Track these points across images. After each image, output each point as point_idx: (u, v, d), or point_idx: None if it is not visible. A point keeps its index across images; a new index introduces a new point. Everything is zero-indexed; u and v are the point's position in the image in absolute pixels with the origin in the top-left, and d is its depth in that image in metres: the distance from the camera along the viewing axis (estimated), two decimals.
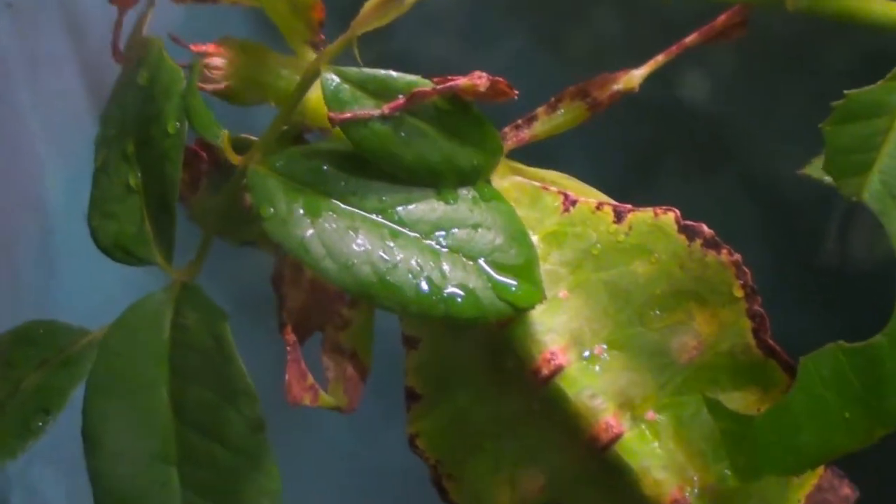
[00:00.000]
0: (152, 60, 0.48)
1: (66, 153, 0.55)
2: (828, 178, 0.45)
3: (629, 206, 0.47)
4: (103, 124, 0.49)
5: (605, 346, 0.47)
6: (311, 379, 0.46)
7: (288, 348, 0.47)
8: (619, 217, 0.47)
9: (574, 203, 0.48)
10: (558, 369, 0.46)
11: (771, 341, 0.46)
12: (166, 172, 0.46)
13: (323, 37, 0.47)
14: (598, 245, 0.47)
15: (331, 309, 0.51)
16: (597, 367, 0.47)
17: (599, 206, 0.47)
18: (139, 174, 0.47)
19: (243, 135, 0.49)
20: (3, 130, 0.52)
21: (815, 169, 0.46)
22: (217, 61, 0.48)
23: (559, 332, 0.47)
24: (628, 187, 0.48)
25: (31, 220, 0.54)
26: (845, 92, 0.44)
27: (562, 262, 0.47)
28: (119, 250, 0.47)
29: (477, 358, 0.48)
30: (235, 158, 0.46)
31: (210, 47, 0.48)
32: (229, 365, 0.45)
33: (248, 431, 0.45)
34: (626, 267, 0.47)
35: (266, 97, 0.49)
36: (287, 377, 0.46)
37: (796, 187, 0.51)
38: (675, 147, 0.57)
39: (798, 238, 0.56)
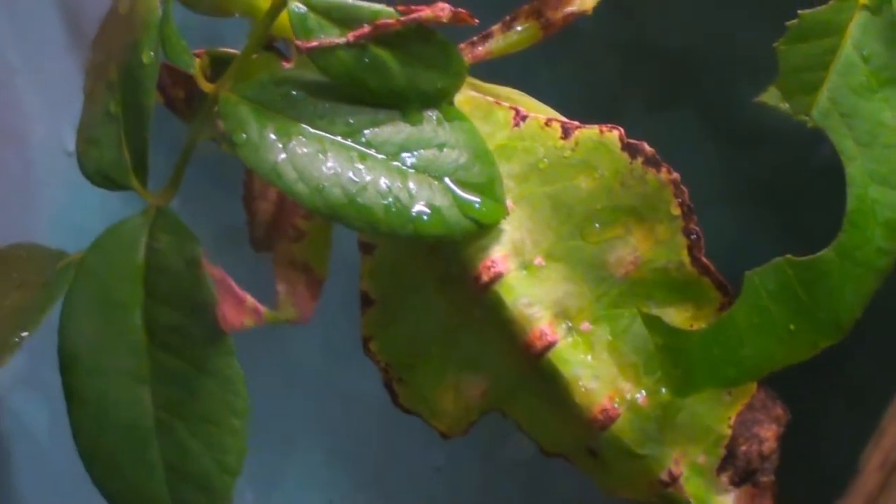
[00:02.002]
0: None
1: (44, 85, 0.56)
2: (784, 106, 0.47)
3: (576, 123, 0.49)
4: (92, 51, 0.51)
5: (544, 257, 0.49)
6: (249, 300, 0.48)
7: (216, 279, 0.48)
8: (566, 133, 0.49)
9: (524, 118, 0.50)
10: (497, 276, 0.49)
11: (705, 260, 0.49)
12: (141, 100, 0.47)
13: None
14: (545, 160, 0.49)
15: (296, 215, 0.53)
16: (535, 277, 0.49)
17: (548, 123, 0.50)
18: (119, 101, 0.48)
19: (218, 49, 0.51)
20: None
21: (772, 96, 0.48)
22: None
23: (501, 241, 0.49)
24: (588, 118, 0.50)
25: (10, 153, 0.56)
26: (798, 12, 0.46)
27: (509, 175, 0.49)
28: (100, 176, 0.49)
29: (426, 264, 0.51)
30: (207, 87, 0.48)
31: None
32: (199, 288, 0.47)
33: (218, 353, 0.47)
34: (569, 182, 0.49)
35: (231, 9, 0.50)
36: (219, 306, 0.47)
37: (754, 117, 0.53)
38: (636, 81, 0.59)
39: (749, 165, 0.58)
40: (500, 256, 0.49)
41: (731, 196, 0.58)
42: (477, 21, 0.47)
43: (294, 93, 0.47)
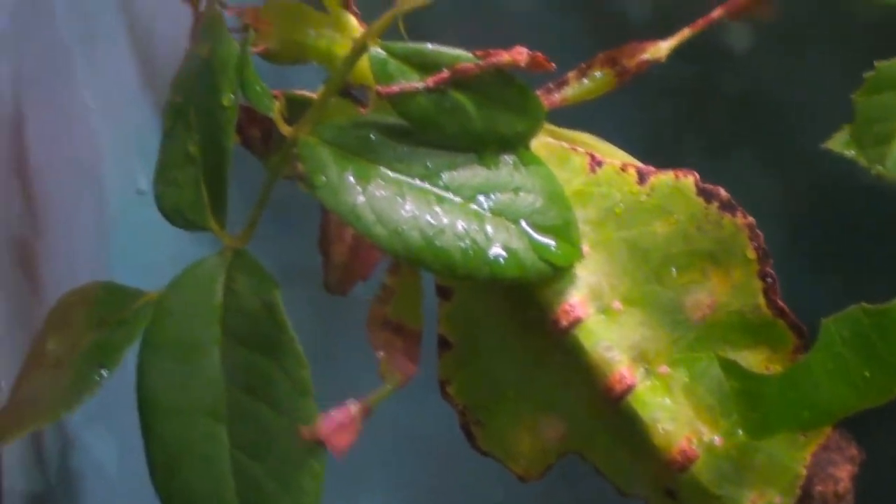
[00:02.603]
0: (213, 34, 0.50)
1: (118, 124, 0.57)
2: (849, 153, 0.48)
3: (652, 168, 0.50)
4: (173, 91, 0.52)
5: (622, 302, 0.50)
6: (351, 409, 0.49)
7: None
8: (642, 178, 0.50)
9: (600, 164, 0.50)
10: (576, 321, 0.49)
11: (780, 302, 0.49)
12: (221, 142, 0.49)
13: None
14: (621, 205, 0.50)
15: (371, 260, 0.55)
16: (613, 321, 0.50)
17: (624, 168, 0.50)
18: (198, 142, 0.50)
19: (294, 91, 0.52)
20: (61, 106, 0.54)
21: (837, 143, 0.49)
22: (262, 26, 0.51)
23: (579, 285, 0.50)
24: (652, 161, 0.51)
25: (85, 191, 0.57)
26: (875, 63, 0.47)
27: (586, 220, 0.50)
28: (178, 216, 0.50)
29: (503, 308, 0.51)
30: (287, 129, 0.48)
31: (255, 13, 0.51)
32: (280, 331, 0.48)
33: (296, 394, 0.48)
34: (646, 227, 0.50)
35: (308, 57, 0.52)
36: (329, 437, 0.47)
37: (817, 162, 0.54)
38: (699, 122, 0.60)
39: (815, 209, 0.59)
40: (579, 301, 0.49)
41: (796, 240, 0.58)
42: (554, 66, 0.47)
43: (373, 136, 0.48)
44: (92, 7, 0.56)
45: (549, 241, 0.48)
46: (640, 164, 0.51)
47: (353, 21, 0.51)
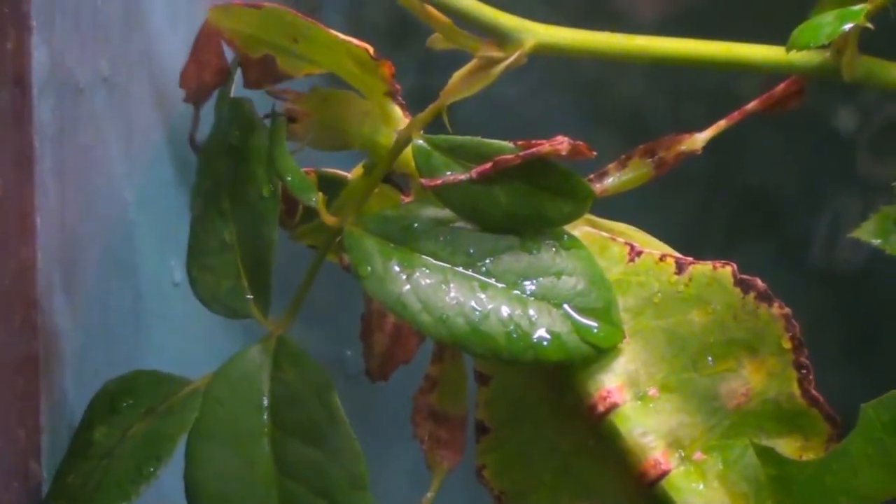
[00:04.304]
0: (243, 122, 0.53)
1: (154, 218, 0.60)
2: (876, 241, 0.51)
3: (690, 259, 0.52)
4: (199, 175, 0.54)
5: (658, 389, 0.52)
6: None
7: None
8: (680, 269, 0.52)
9: (639, 254, 0.52)
10: (613, 407, 0.51)
11: (815, 392, 0.51)
12: (263, 232, 0.51)
13: (398, 86, 0.52)
14: (659, 294, 0.52)
15: (412, 344, 0.57)
16: (650, 408, 0.51)
17: (662, 258, 0.52)
18: (234, 230, 0.52)
19: (327, 170, 0.55)
20: (99, 198, 0.56)
21: (865, 232, 0.50)
22: (304, 114, 0.53)
23: (616, 372, 0.51)
24: (681, 248, 0.53)
25: (122, 285, 0.59)
26: None
27: (624, 309, 0.52)
28: (217, 303, 0.52)
29: (541, 393, 0.53)
30: (330, 220, 0.51)
31: (297, 99, 0.53)
32: (333, 422, 0.50)
33: (353, 489, 0.50)
34: (683, 316, 0.52)
35: (349, 145, 0.54)
36: None
37: (844, 251, 0.56)
38: (722, 210, 0.62)
39: (842, 298, 0.60)
40: (616, 387, 0.51)
41: (828, 329, 0.60)
42: (595, 154, 0.50)
43: (416, 225, 0.50)
44: (129, 101, 0.58)
45: (592, 323, 0.50)
46: (677, 255, 0.53)
47: (397, 111, 0.53)
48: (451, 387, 0.54)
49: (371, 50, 0.51)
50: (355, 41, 0.51)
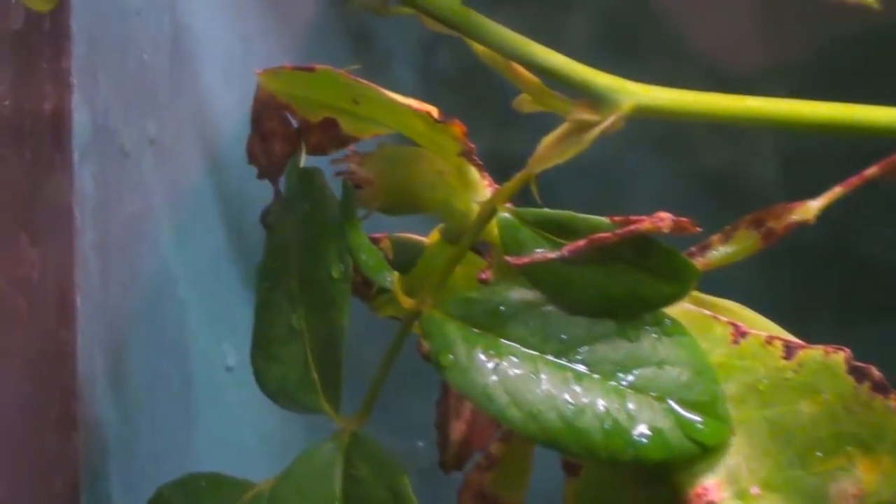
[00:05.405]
0: (313, 194, 0.50)
1: (205, 295, 0.57)
2: None
3: (800, 343, 0.48)
4: (267, 255, 0.51)
5: (761, 487, 0.48)
6: None
7: None
8: (788, 353, 0.48)
9: (744, 335, 0.49)
10: None
11: None
12: (333, 318, 0.48)
13: (472, 145, 0.49)
14: (765, 381, 0.48)
15: (489, 432, 0.53)
16: None
17: (769, 341, 0.48)
18: (303, 315, 0.49)
19: (400, 234, 0.52)
20: (145, 274, 0.54)
21: None
22: (367, 181, 0.49)
23: (715, 467, 0.48)
24: (789, 327, 0.50)
25: (172, 367, 0.56)
26: None
27: (726, 397, 0.48)
28: (284, 397, 0.49)
29: (633, 487, 0.49)
30: (408, 303, 0.48)
31: (360, 161, 0.50)
32: None
33: None
34: (791, 405, 0.48)
35: (422, 210, 0.50)
36: None
37: None
38: (840, 287, 0.59)
39: None
40: (714, 484, 0.47)
41: None
42: (700, 229, 0.46)
43: (503, 308, 0.47)
44: (178, 165, 0.55)
45: (697, 418, 0.46)
46: (786, 337, 0.49)
47: (473, 172, 0.50)
48: (512, 470, 0.51)
49: (435, 113, 0.48)
50: (416, 104, 0.48)
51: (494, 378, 0.45)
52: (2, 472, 0.51)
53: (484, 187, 0.50)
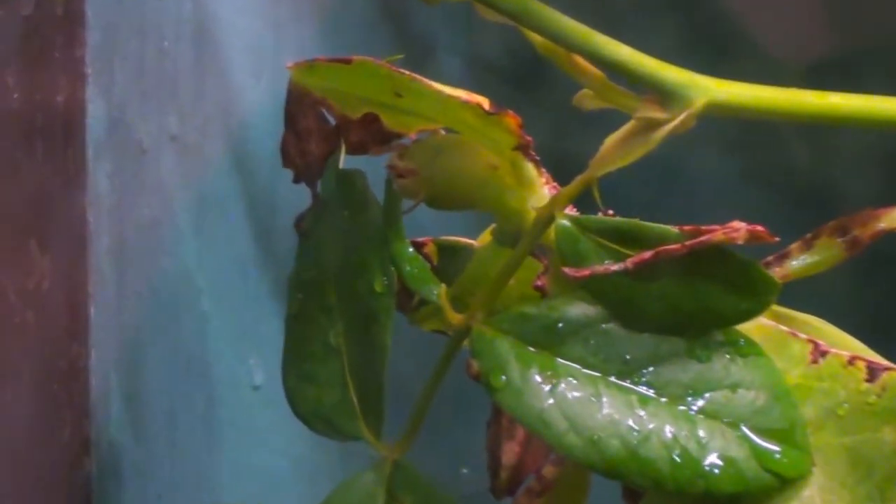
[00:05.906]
0: (354, 198, 0.47)
1: (229, 309, 0.54)
2: None
3: (885, 364, 0.45)
4: (300, 264, 0.48)
5: None
6: None
7: None
8: (872, 375, 0.45)
9: (824, 354, 0.45)
10: None
11: None
12: (374, 336, 0.45)
13: (530, 138, 0.45)
14: (846, 405, 0.45)
15: (542, 453, 0.51)
16: None
17: (852, 361, 0.45)
18: (342, 331, 0.46)
19: (446, 238, 0.50)
20: (165, 285, 0.51)
21: None
22: (409, 173, 0.46)
23: (788, 500, 0.44)
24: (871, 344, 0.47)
25: (194, 386, 0.54)
26: None
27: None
28: (319, 420, 0.47)
29: None
30: (456, 318, 0.44)
31: (400, 155, 0.47)
32: None
33: None
34: (873, 433, 0.45)
35: (471, 206, 0.47)
36: None
37: None
38: None
39: None
40: None
41: None
42: (777, 239, 0.43)
43: (561, 325, 0.43)
44: (201, 164, 0.52)
45: (774, 447, 0.43)
46: (871, 357, 0.46)
47: (530, 169, 0.46)
48: (567, 496, 0.48)
49: (486, 104, 0.45)
50: (464, 95, 0.45)
51: (551, 401, 0.42)
52: (9, 499, 0.49)
53: (541, 185, 0.46)
